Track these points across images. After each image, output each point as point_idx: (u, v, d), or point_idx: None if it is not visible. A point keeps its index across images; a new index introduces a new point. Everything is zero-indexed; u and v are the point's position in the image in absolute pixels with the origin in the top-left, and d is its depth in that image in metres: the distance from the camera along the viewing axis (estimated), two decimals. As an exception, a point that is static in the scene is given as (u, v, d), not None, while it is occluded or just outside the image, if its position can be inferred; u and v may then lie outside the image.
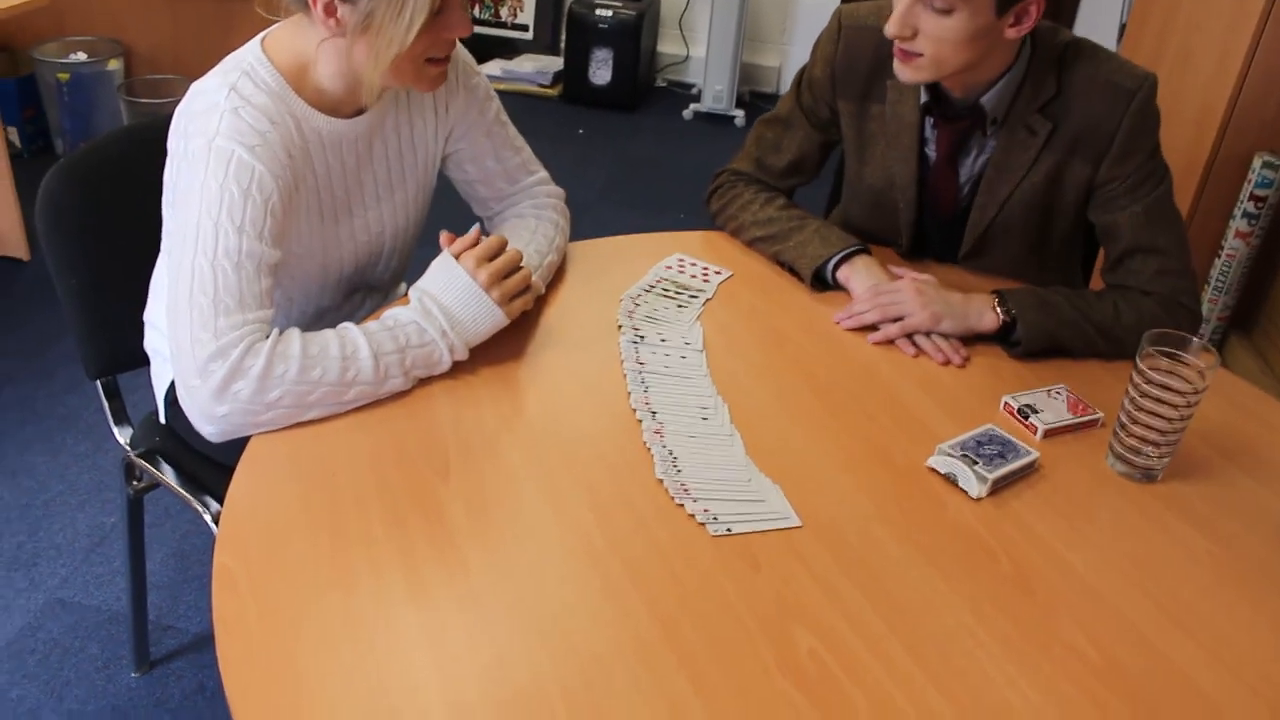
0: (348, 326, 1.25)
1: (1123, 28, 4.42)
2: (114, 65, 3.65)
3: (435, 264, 1.33)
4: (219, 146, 1.22)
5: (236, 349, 1.17)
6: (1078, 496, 1.21)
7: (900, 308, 1.47)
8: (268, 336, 1.20)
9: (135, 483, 1.63)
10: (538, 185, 1.62)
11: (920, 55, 1.41)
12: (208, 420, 1.19)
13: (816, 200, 1.93)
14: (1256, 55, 2.54)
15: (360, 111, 1.38)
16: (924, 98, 1.55)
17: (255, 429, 1.19)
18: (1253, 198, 2.56)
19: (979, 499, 1.18)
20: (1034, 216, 1.59)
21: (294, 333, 1.22)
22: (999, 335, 1.48)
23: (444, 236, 1.35)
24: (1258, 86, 2.56)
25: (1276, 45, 2.51)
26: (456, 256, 1.32)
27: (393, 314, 1.29)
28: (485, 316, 1.31)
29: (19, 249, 3.09)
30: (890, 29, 1.41)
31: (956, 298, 1.48)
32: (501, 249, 1.34)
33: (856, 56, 1.60)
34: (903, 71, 1.45)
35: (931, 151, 1.60)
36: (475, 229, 1.36)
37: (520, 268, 1.36)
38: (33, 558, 2.10)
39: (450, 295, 1.30)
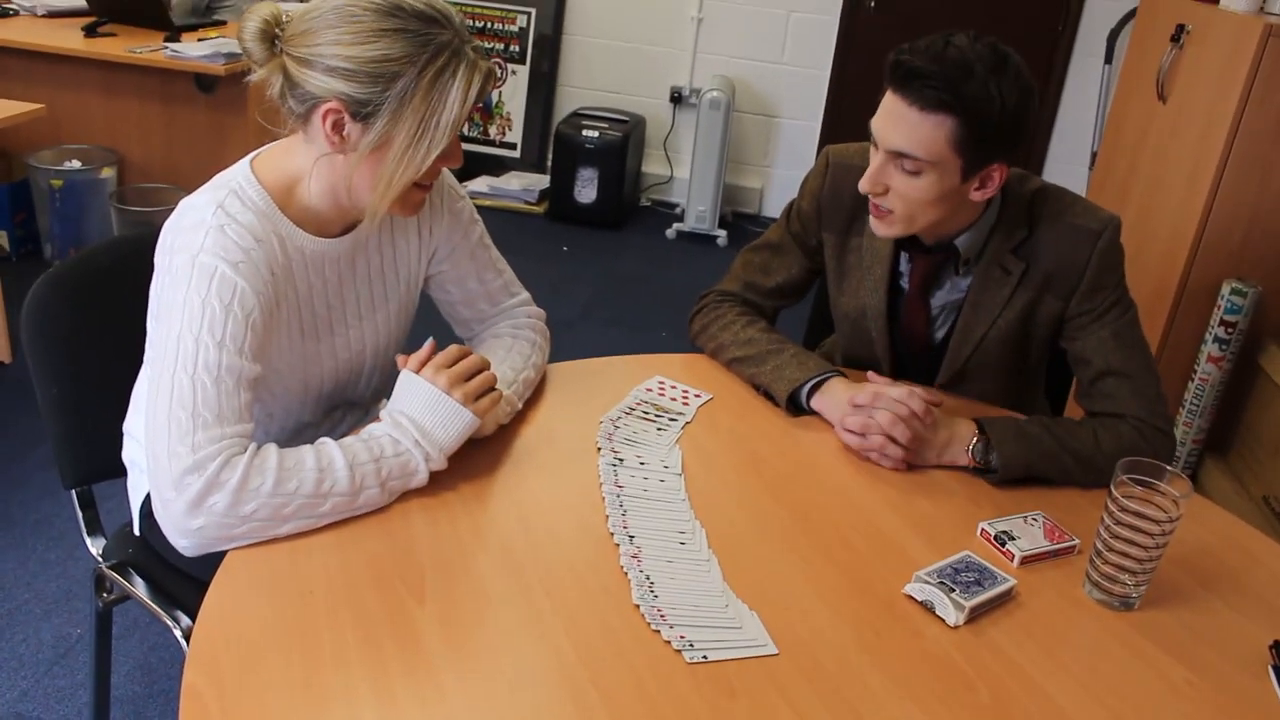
0: (324, 441, 1.26)
1: (1094, 155, 4.56)
2: (107, 173, 3.71)
3: (398, 382, 1.35)
4: (203, 262, 1.24)
5: (213, 463, 1.17)
6: (1055, 624, 1.21)
7: (882, 431, 1.47)
8: (245, 451, 1.20)
9: (105, 594, 1.61)
10: (518, 307, 1.65)
11: (891, 212, 1.49)
12: (182, 534, 1.18)
13: (796, 330, 1.95)
14: (1222, 184, 2.61)
15: (345, 230, 1.41)
16: None
17: (230, 543, 1.18)
18: (1223, 323, 2.62)
19: (956, 627, 1.18)
20: (1008, 350, 1.65)
21: (271, 447, 1.22)
22: (976, 466, 1.49)
23: (400, 359, 1.37)
24: (1224, 214, 2.64)
25: (1241, 174, 2.59)
26: (417, 371, 1.34)
27: (368, 430, 1.30)
28: (453, 420, 1.32)
29: (2, 351, 3.09)
30: (863, 185, 1.49)
31: (938, 435, 1.49)
32: (461, 356, 1.36)
33: (841, 192, 1.67)
34: (878, 227, 1.53)
35: (905, 283, 1.66)
36: (430, 342, 1.38)
37: (483, 370, 1.37)
38: (-6, 670, 2.06)
39: (415, 406, 1.31)
